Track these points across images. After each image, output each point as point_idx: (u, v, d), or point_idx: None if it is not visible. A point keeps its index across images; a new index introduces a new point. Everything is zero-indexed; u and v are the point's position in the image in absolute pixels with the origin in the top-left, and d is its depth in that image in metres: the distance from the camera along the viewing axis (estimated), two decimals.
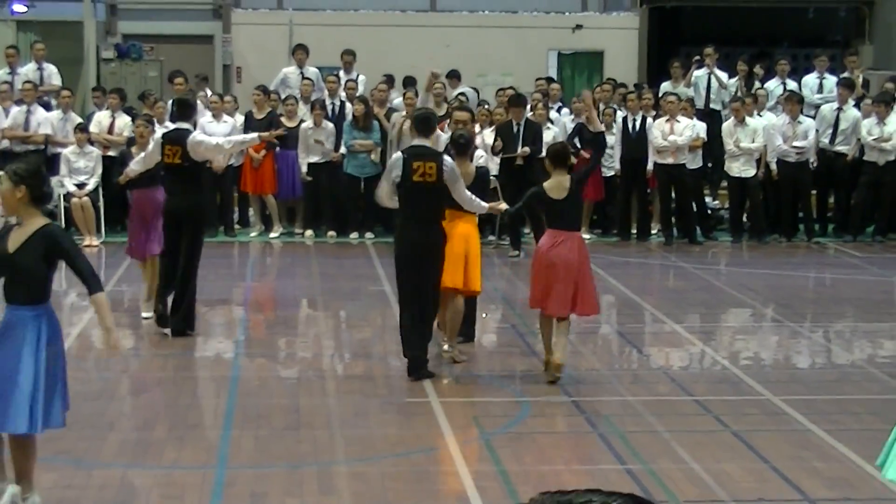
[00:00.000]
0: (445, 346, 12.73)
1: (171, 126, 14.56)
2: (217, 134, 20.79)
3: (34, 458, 8.40)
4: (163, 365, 13.08)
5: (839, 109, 21.60)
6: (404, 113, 20.62)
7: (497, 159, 19.36)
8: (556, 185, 11.80)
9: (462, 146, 13.02)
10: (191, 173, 13.87)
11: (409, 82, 23.01)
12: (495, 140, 19.48)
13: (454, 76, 23.83)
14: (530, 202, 12.15)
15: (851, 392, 11.88)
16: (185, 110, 14.39)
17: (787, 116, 21.19)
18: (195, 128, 16.04)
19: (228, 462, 9.63)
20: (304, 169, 21.09)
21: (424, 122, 12.24)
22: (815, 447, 10.03)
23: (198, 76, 23.14)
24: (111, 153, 20.51)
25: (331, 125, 21.22)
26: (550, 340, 11.87)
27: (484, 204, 12.21)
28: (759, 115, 21.61)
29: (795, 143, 21.02)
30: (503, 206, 12.60)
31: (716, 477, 9.25)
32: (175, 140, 13.86)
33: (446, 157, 12.05)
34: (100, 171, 20.50)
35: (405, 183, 11.87)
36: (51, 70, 22.65)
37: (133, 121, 21.10)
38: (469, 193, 12.06)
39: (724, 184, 22.03)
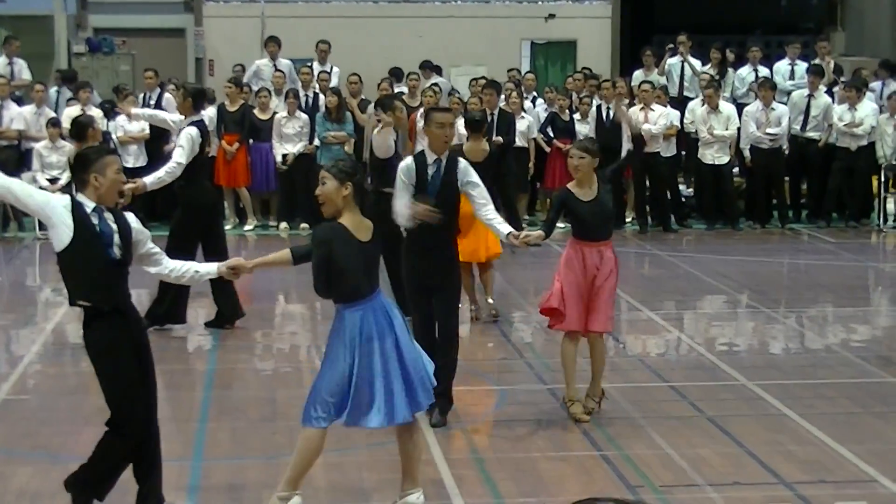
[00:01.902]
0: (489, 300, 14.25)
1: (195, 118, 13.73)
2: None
3: None
4: None
5: (810, 96, 21.67)
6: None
7: None
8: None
9: (477, 123, 13.31)
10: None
11: (396, 73, 23.05)
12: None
13: (428, 67, 23.84)
14: None
15: (826, 376, 11.94)
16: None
17: (761, 103, 21.25)
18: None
19: (205, 454, 9.63)
20: (279, 158, 21.07)
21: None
22: (790, 431, 10.08)
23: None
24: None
25: (305, 115, 21.20)
26: None
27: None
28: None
29: (769, 130, 21.08)
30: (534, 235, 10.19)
31: (691, 462, 9.29)
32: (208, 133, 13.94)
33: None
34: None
35: None
36: (21, 65, 22.59)
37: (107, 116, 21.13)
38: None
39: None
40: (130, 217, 8.01)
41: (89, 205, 7.75)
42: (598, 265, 10.28)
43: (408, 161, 10.35)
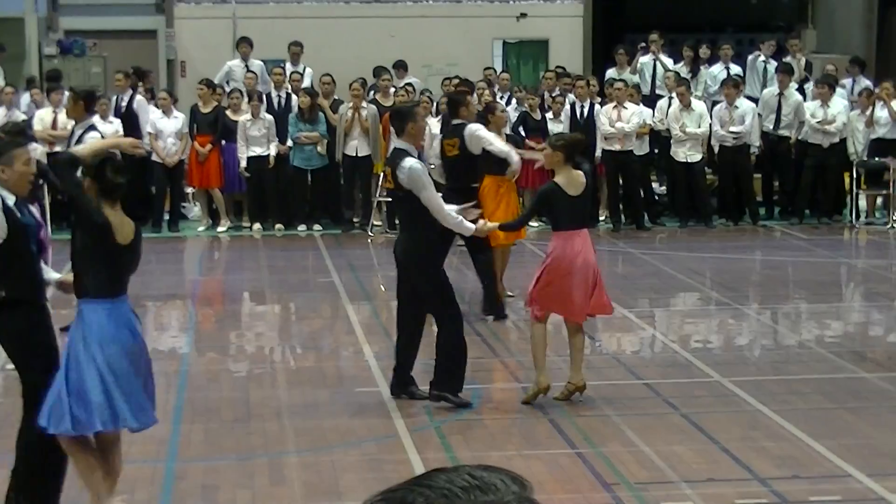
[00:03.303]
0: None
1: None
2: (166, 130, 20.78)
3: None
4: None
5: (780, 95, 21.72)
6: (351, 105, 20.58)
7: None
8: (570, 180, 10.75)
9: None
10: None
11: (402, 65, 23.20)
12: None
13: (401, 67, 23.82)
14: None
15: (799, 372, 11.97)
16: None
17: (725, 101, 21.31)
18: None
19: (179, 455, 9.60)
20: (244, 164, 20.91)
21: (394, 118, 11.33)
22: (764, 427, 10.09)
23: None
24: (57, 149, 20.34)
25: (269, 117, 21.10)
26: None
27: (469, 225, 10.79)
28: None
29: (732, 129, 21.10)
30: (490, 225, 11.15)
31: (666, 459, 9.29)
32: None
33: (407, 162, 10.56)
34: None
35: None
36: None
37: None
38: (440, 203, 10.59)
39: None
40: (34, 209, 8.20)
41: (10, 198, 7.85)
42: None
43: (419, 164, 10.75)
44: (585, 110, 21.25)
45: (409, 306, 10.98)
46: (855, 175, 21.41)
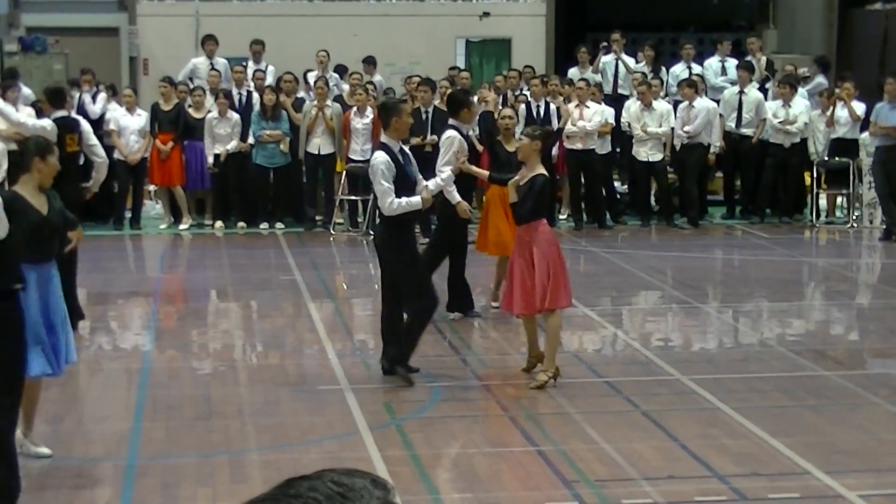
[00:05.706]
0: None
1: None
2: (129, 127, 20.71)
3: None
4: None
5: (741, 93, 21.82)
6: (316, 103, 20.57)
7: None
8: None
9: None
10: None
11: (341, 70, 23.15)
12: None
13: (370, 62, 23.82)
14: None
15: (759, 370, 12.03)
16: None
17: (684, 101, 21.39)
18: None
19: (139, 453, 9.59)
20: (211, 160, 20.90)
21: (381, 112, 11.77)
22: (724, 425, 10.15)
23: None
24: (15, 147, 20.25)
25: (236, 115, 21.07)
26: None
27: (417, 199, 11.26)
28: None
29: (685, 128, 21.15)
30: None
31: (626, 456, 9.34)
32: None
33: (376, 154, 11.30)
34: (5, 165, 20.21)
35: None
36: None
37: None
38: (383, 193, 11.06)
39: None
40: None
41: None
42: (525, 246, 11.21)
43: (384, 157, 11.12)
44: (551, 107, 21.22)
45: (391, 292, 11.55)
46: (815, 175, 21.53)
